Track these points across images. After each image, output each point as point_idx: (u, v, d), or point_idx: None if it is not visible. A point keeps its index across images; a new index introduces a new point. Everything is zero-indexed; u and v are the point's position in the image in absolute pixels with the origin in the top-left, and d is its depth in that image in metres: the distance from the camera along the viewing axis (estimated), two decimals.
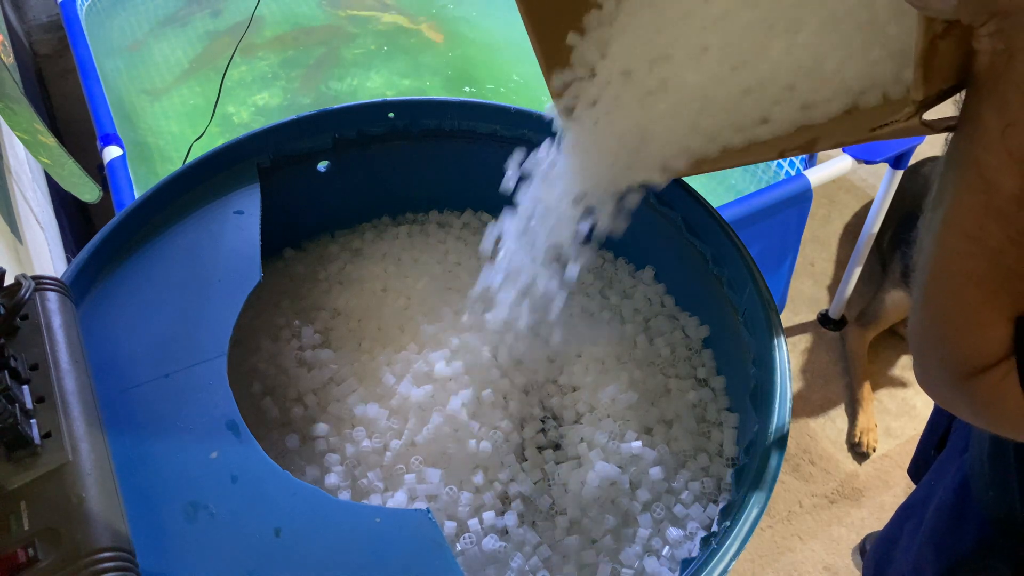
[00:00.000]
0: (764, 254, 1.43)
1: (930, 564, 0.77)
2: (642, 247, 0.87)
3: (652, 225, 0.81)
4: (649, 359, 0.80)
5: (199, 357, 0.63)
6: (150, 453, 0.57)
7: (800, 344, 1.74)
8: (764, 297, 0.68)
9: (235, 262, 0.70)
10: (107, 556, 0.46)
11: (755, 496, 0.57)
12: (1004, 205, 0.38)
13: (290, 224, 0.89)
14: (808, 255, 1.90)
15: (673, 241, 0.80)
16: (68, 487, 0.48)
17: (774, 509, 1.48)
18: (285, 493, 0.55)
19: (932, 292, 0.44)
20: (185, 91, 1.67)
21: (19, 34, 1.97)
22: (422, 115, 0.86)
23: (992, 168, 0.38)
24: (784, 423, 0.61)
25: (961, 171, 0.40)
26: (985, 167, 0.39)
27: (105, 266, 0.70)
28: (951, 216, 0.41)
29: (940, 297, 0.44)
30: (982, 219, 0.40)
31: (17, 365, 0.53)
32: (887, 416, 1.64)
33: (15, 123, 0.95)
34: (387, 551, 0.52)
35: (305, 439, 0.74)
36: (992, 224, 0.39)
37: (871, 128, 0.47)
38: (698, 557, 0.56)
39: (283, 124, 0.82)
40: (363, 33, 1.81)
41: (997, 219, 0.39)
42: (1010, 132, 0.37)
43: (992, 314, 0.42)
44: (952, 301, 0.44)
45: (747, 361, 0.70)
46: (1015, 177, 0.37)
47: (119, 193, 1.23)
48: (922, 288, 0.45)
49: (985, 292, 0.42)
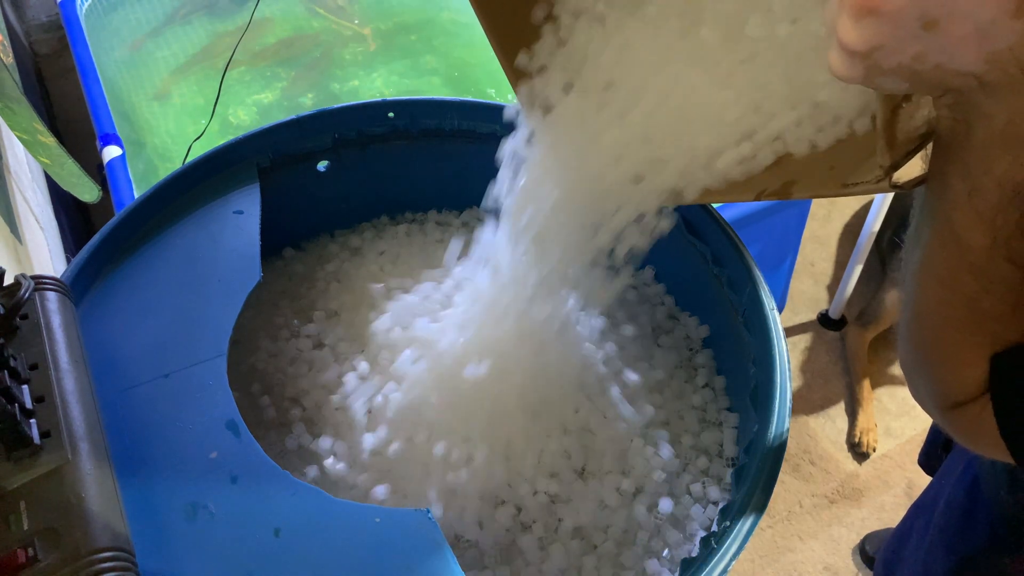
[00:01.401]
0: (764, 254, 1.43)
1: (940, 562, 0.77)
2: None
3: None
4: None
5: (199, 357, 0.63)
6: (150, 453, 0.57)
7: (800, 344, 1.74)
8: (764, 297, 0.68)
9: (235, 262, 0.70)
10: (107, 556, 0.46)
11: (755, 496, 0.57)
12: (975, 259, 0.39)
13: (290, 224, 0.89)
14: (808, 255, 1.90)
15: (673, 241, 0.80)
16: (68, 487, 0.48)
17: (774, 509, 1.48)
18: (285, 493, 0.55)
19: (914, 329, 0.46)
20: (185, 91, 1.67)
21: (19, 34, 1.97)
22: (422, 115, 0.86)
23: (961, 226, 0.39)
24: (784, 423, 0.61)
25: (933, 224, 0.41)
26: (955, 224, 0.39)
27: (105, 266, 0.70)
28: (926, 264, 0.42)
29: (921, 335, 0.45)
30: (955, 271, 0.40)
31: (17, 365, 0.53)
32: (887, 416, 1.64)
33: (15, 123, 0.95)
34: (387, 551, 0.52)
35: (304, 439, 0.74)
36: (965, 275, 0.40)
37: (843, 184, 0.47)
38: (698, 557, 0.56)
39: (283, 124, 0.82)
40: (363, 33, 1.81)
41: (970, 271, 0.40)
42: (975, 195, 0.37)
43: (970, 354, 0.43)
44: (932, 340, 0.45)
45: (747, 361, 0.70)
46: (984, 235, 0.38)
47: (119, 193, 1.23)
48: (906, 323, 0.46)
49: (963, 334, 0.43)
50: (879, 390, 1.66)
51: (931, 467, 0.93)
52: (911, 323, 0.46)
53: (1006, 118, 0.34)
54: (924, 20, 0.31)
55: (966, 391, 0.45)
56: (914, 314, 0.45)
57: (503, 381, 0.68)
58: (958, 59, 0.33)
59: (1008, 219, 0.37)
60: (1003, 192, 0.36)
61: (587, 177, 0.60)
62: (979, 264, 0.39)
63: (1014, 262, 0.38)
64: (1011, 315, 0.41)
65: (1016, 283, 0.39)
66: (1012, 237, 0.37)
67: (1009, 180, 0.36)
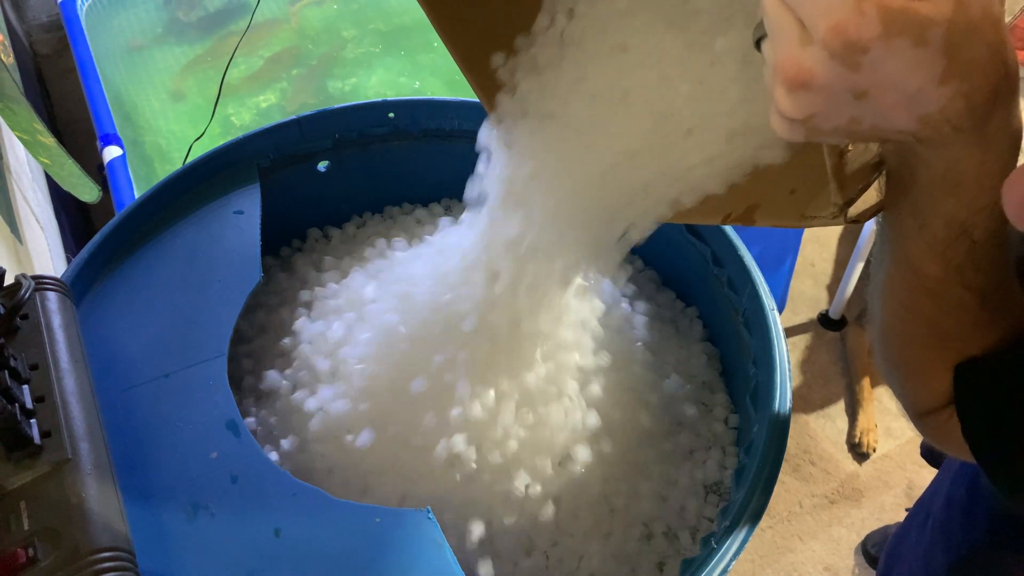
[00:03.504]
0: (764, 254, 1.43)
1: (940, 558, 0.77)
2: (642, 248, 0.87)
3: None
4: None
5: (199, 357, 0.63)
6: (150, 453, 0.57)
7: (800, 344, 1.74)
8: (764, 297, 0.68)
9: (235, 262, 0.70)
10: (107, 556, 0.46)
11: (755, 496, 0.57)
12: (932, 285, 0.41)
13: (290, 224, 0.89)
14: (808, 255, 1.90)
15: (673, 241, 0.80)
16: (68, 487, 0.48)
17: (774, 509, 1.48)
18: (285, 493, 0.55)
19: (882, 343, 0.48)
20: (185, 91, 1.67)
21: (19, 34, 1.97)
22: (422, 115, 0.86)
23: (915, 256, 0.41)
24: (784, 423, 0.61)
25: (891, 252, 0.43)
26: (909, 254, 0.41)
27: (105, 266, 0.70)
28: (888, 287, 0.44)
29: (889, 350, 0.48)
30: (914, 294, 0.42)
31: (17, 365, 0.53)
32: (887, 416, 1.64)
33: (15, 123, 0.95)
34: (387, 551, 0.52)
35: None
36: (924, 299, 0.42)
37: (802, 215, 0.47)
38: (698, 557, 0.56)
39: (283, 124, 0.82)
40: (363, 33, 1.81)
41: (928, 295, 0.42)
42: (924, 230, 0.39)
43: (936, 368, 0.45)
44: (899, 355, 0.47)
45: (747, 361, 0.70)
46: (937, 266, 0.40)
47: (119, 193, 1.23)
48: (875, 339, 0.48)
49: (928, 350, 0.45)
50: (879, 390, 1.66)
51: (934, 458, 0.93)
52: (879, 339, 0.48)
53: (944, 166, 0.36)
54: (854, 92, 0.33)
55: (934, 400, 0.47)
56: (881, 331, 0.47)
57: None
58: (891, 121, 0.34)
59: (958, 251, 0.39)
60: (950, 229, 0.38)
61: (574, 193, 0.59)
62: (935, 290, 0.41)
63: (968, 288, 0.40)
64: (972, 333, 0.43)
65: (973, 306, 0.41)
66: (963, 267, 0.39)
67: (955, 219, 0.38)
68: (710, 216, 0.54)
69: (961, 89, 0.32)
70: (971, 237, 0.38)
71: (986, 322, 0.42)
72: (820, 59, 0.32)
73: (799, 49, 0.32)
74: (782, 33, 0.33)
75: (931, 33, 0.30)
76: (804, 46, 0.32)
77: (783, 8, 0.32)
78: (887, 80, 0.32)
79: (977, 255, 0.39)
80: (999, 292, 0.41)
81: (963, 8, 0.31)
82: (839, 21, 0.30)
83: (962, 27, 0.31)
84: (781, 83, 0.33)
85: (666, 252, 0.83)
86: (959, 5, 0.31)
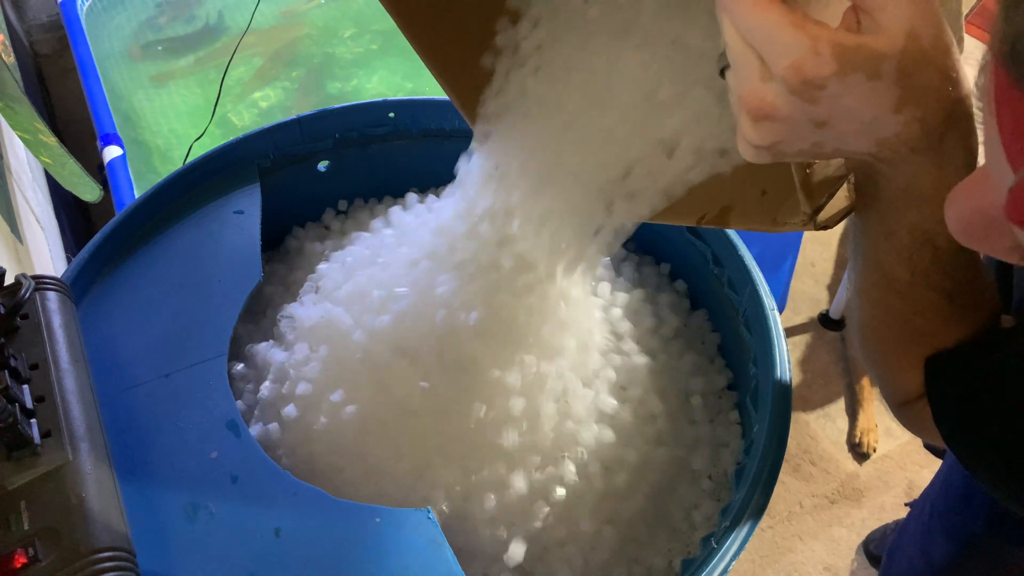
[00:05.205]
0: (764, 254, 1.43)
1: (939, 548, 0.78)
2: (642, 248, 0.87)
3: (652, 226, 0.81)
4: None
5: (199, 357, 0.63)
6: (150, 453, 0.57)
7: (800, 344, 1.74)
8: (764, 297, 0.68)
9: (235, 262, 0.70)
10: (107, 556, 0.46)
11: (755, 496, 0.57)
12: (901, 287, 0.43)
13: (290, 224, 0.89)
14: (808, 255, 1.90)
15: (673, 241, 0.80)
16: (68, 487, 0.48)
17: (774, 509, 1.48)
18: (285, 493, 0.55)
19: (860, 338, 0.49)
20: (185, 91, 1.67)
21: (19, 34, 1.97)
22: (422, 115, 0.86)
23: (884, 260, 0.43)
24: (784, 423, 0.61)
25: (862, 256, 0.45)
26: (878, 258, 0.43)
27: (105, 266, 0.70)
28: (861, 286, 0.46)
29: (865, 345, 0.49)
30: (885, 295, 0.44)
31: (17, 365, 0.53)
32: (887, 416, 1.63)
33: (16, 122, 0.95)
34: (387, 551, 0.52)
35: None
36: (895, 299, 0.44)
37: (774, 220, 0.49)
38: (698, 557, 0.56)
39: (283, 124, 0.82)
40: (363, 33, 1.81)
41: (898, 296, 0.43)
42: (891, 237, 0.41)
43: (909, 361, 0.47)
44: (874, 349, 0.49)
45: (747, 361, 0.70)
46: (904, 269, 0.42)
47: (119, 193, 1.23)
48: (853, 333, 0.50)
49: (902, 345, 0.47)
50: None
51: (936, 449, 0.94)
52: (856, 335, 0.50)
53: (905, 181, 0.38)
54: (815, 122, 0.34)
55: (909, 391, 0.48)
56: (858, 327, 0.49)
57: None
58: (852, 145, 0.36)
59: (923, 257, 0.41)
60: (914, 237, 0.40)
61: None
62: (904, 291, 0.43)
63: (935, 290, 0.42)
64: (942, 329, 0.45)
65: (942, 306, 0.43)
66: (929, 272, 0.41)
67: (918, 228, 0.40)
68: (684, 217, 0.55)
69: (916, 115, 0.34)
70: (935, 244, 0.40)
71: (956, 319, 0.44)
72: (780, 93, 0.33)
73: (760, 84, 0.34)
74: (744, 69, 0.34)
75: (884, 66, 0.32)
76: (765, 81, 0.34)
77: (744, 44, 0.34)
78: (845, 111, 0.34)
79: (942, 260, 0.41)
80: (968, 291, 0.43)
81: (914, 40, 0.32)
82: (796, 60, 0.32)
83: (914, 57, 0.32)
84: (745, 113, 0.35)
85: (666, 252, 0.83)
86: (910, 37, 0.32)
